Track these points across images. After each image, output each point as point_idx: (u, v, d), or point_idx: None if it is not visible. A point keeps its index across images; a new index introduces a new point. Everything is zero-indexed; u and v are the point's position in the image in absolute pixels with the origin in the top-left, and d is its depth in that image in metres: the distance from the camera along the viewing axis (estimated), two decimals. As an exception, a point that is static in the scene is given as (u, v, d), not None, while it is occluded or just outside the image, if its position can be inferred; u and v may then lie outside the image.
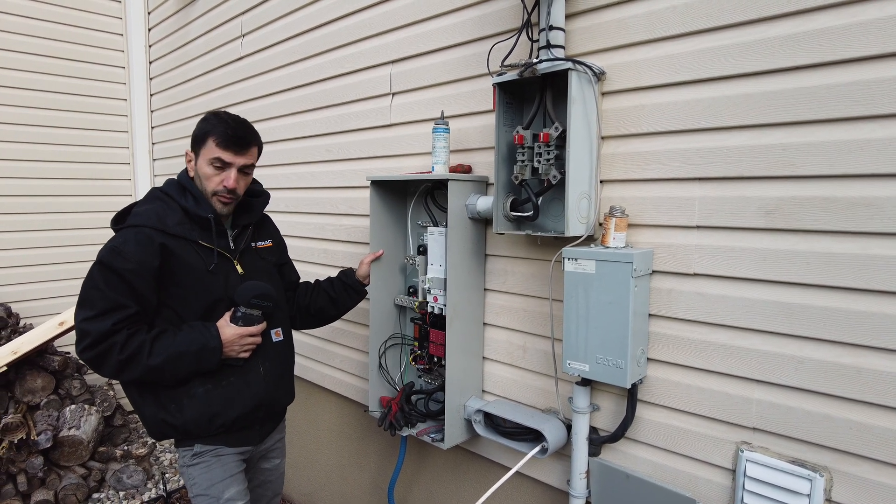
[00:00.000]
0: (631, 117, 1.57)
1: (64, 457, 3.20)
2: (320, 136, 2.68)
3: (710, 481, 1.49)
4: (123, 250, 1.57)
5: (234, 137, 1.66)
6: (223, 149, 1.65)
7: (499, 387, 1.99)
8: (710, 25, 1.41)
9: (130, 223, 1.63)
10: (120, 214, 1.71)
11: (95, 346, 1.53)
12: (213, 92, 3.44)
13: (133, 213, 1.67)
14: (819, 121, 1.27)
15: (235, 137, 1.66)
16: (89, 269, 1.59)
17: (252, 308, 1.70)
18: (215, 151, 1.65)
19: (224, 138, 1.65)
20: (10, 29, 3.75)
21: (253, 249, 1.86)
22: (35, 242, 3.95)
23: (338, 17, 2.49)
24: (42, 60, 3.88)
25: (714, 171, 1.42)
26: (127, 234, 1.60)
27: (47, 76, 3.91)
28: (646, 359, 1.57)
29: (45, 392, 3.33)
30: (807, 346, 1.32)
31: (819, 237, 1.29)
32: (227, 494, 1.71)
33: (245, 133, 1.70)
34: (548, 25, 1.59)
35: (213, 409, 1.69)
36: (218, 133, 1.65)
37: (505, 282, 1.92)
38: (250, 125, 1.75)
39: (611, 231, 1.53)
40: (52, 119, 3.95)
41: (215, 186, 1.68)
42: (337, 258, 2.64)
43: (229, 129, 1.66)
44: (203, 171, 1.68)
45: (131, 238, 1.59)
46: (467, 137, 1.99)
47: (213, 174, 1.67)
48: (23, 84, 3.82)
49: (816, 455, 1.33)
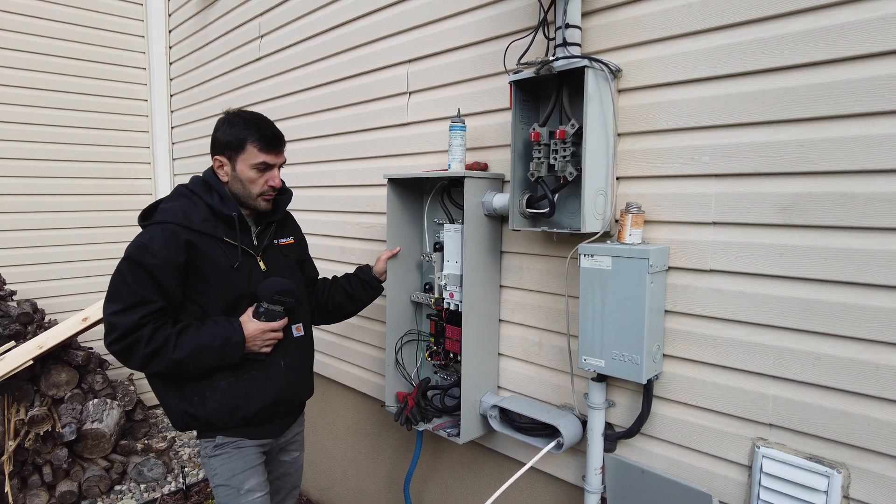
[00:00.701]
0: (647, 114, 1.57)
1: (87, 449, 3.28)
2: (338, 136, 2.71)
3: (726, 477, 1.50)
4: (150, 246, 1.61)
5: (272, 139, 1.73)
6: (266, 152, 1.71)
7: (514, 383, 2.00)
8: (725, 22, 1.41)
9: (157, 220, 1.67)
10: (147, 211, 1.75)
11: (123, 339, 1.58)
12: (232, 92, 3.49)
13: (160, 210, 1.71)
14: (837, 116, 1.27)
15: (274, 138, 1.73)
16: (118, 264, 1.64)
17: (274, 304, 1.74)
18: (259, 156, 1.70)
19: (264, 142, 1.71)
20: (40, 33, 3.87)
21: (275, 246, 1.90)
22: (59, 240, 4.04)
23: (355, 18, 2.52)
24: (67, 63, 3.98)
25: (730, 167, 1.43)
26: (154, 230, 1.65)
27: (72, 78, 4.01)
28: (661, 355, 1.58)
29: (69, 386, 3.41)
30: (824, 342, 1.32)
31: (837, 233, 1.28)
32: (247, 485, 1.75)
33: (278, 132, 1.77)
34: (564, 23, 1.60)
35: (235, 401, 1.72)
36: (256, 138, 1.70)
37: (520, 278, 1.94)
38: (273, 122, 1.80)
39: (627, 227, 1.54)
40: (76, 119, 4.05)
41: (261, 188, 1.74)
42: (354, 255, 2.68)
43: (266, 131, 1.72)
44: (246, 176, 1.72)
45: (158, 234, 1.63)
46: (483, 135, 2.01)
47: (258, 177, 1.73)
48: (48, 86, 3.93)
49: (834, 451, 1.32)
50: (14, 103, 3.81)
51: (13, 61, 3.79)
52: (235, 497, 1.74)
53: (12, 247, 3.86)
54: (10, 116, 3.80)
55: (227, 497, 1.75)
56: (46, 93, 3.92)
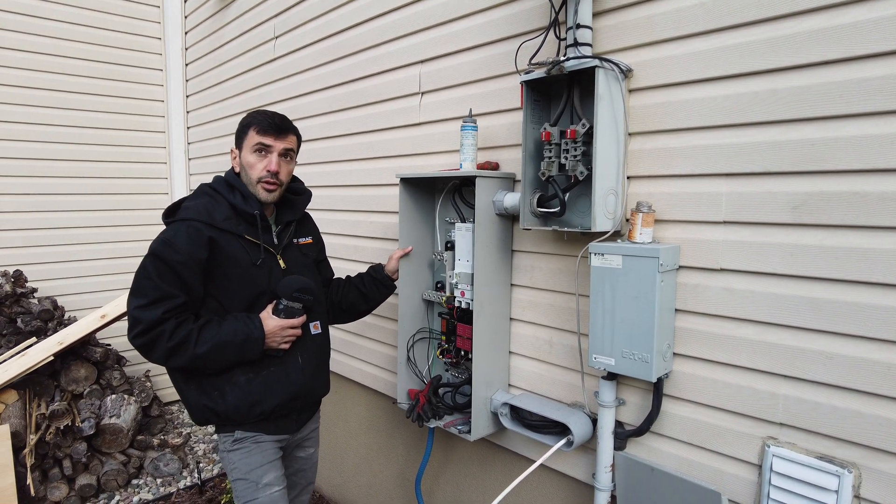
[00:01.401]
0: (658, 114, 1.58)
1: (105, 444, 3.34)
2: (351, 136, 2.74)
3: (736, 476, 1.50)
4: (174, 243, 1.65)
5: (272, 123, 1.77)
6: (263, 134, 1.76)
7: (525, 381, 2.01)
8: (738, 21, 1.41)
9: (181, 217, 1.71)
10: (170, 208, 1.80)
11: (146, 333, 1.61)
12: (248, 92, 3.54)
13: (183, 208, 1.75)
14: (849, 115, 1.26)
15: (274, 124, 1.77)
16: (142, 259, 1.68)
17: (294, 301, 1.77)
18: (256, 138, 1.76)
19: (263, 125, 1.76)
20: (63, 36, 3.96)
21: (295, 245, 1.93)
22: (77, 239, 4.13)
23: (368, 19, 2.55)
24: (86, 65, 4.07)
25: (741, 166, 1.43)
26: (178, 227, 1.68)
27: (90, 79, 4.09)
28: (672, 353, 1.58)
29: (88, 381, 3.48)
30: (836, 341, 1.32)
31: (848, 232, 1.28)
32: (265, 479, 1.78)
33: (282, 120, 1.81)
34: (575, 24, 1.61)
35: (254, 397, 1.76)
36: (258, 122, 1.77)
37: (531, 277, 1.95)
38: (288, 118, 1.85)
39: (637, 226, 1.55)
40: (94, 120, 4.13)
41: (259, 173, 1.76)
42: (366, 254, 2.70)
43: (268, 117, 1.78)
44: (247, 161, 1.77)
45: (182, 231, 1.67)
46: (495, 135, 2.02)
47: (257, 161, 1.77)
48: (66, 87, 4.01)
49: (845, 451, 1.32)
50: (35, 104, 3.90)
51: (34, 63, 3.87)
52: (254, 491, 1.77)
53: (34, 245, 3.95)
54: (31, 118, 3.89)
55: (245, 491, 1.78)
56: (65, 94, 4.01)
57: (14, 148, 3.85)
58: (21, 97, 3.85)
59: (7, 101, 3.80)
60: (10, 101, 3.81)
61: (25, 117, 3.88)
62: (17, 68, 3.83)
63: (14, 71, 3.82)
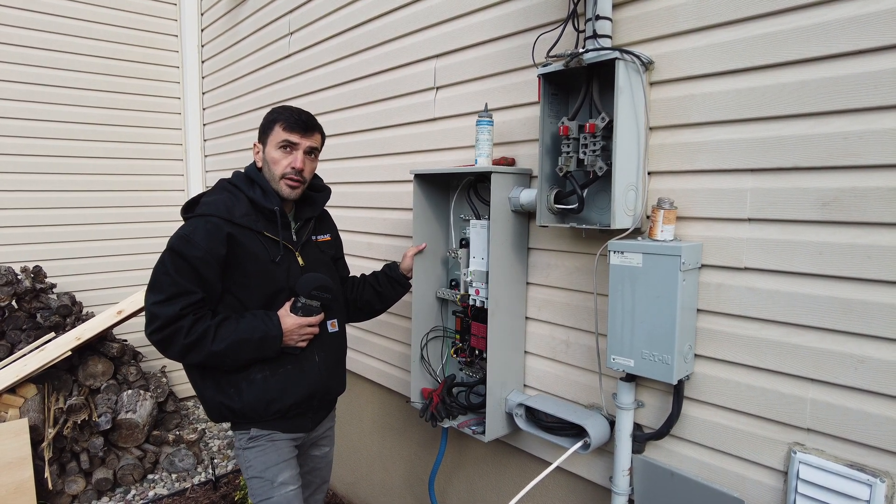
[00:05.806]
0: (680, 107, 1.53)
1: (122, 438, 3.37)
2: (365, 132, 2.72)
3: (759, 482, 1.45)
4: (193, 238, 1.63)
5: (299, 121, 1.76)
6: (289, 131, 1.74)
7: (540, 381, 1.97)
8: (764, 11, 1.35)
9: (200, 212, 1.70)
10: (189, 204, 1.79)
11: (163, 329, 1.60)
12: (262, 89, 3.54)
13: (202, 203, 1.74)
14: (885, 107, 1.20)
15: (300, 121, 1.76)
16: (161, 254, 1.67)
17: (312, 299, 1.74)
18: (282, 135, 1.74)
19: (290, 122, 1.75)
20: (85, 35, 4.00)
21: (313, 242, 1.91)
22: (96, 235, 4.17)
23: (382, 14, 2.52)
24: (103, 62, 4.10)
25: (768, 161, 1.37)
26: (196, 222, 1.67)
27: (106, 77, 4.13)
28: (693, 355, 1.53)
29: (105, 377, 3.51)
30: (867, 344, 1.26)
31: (883, 230, 1.22)
32: (280, 478, 1.77)
33: (309, 118, 1.80)
34: (594, 15, 1.56)
35: (270, 394, 1.74)
36: (284, 118, 1.75)
37: (548, 275, 1.91)
38: (314, 116, 1.84)
39: (658, 224, 1.50)
40: (110, 117, 4.17)
41: (283, 169, 1.75)
42: (380, 251, 2.68)
43: (294, 114, 1.77)
44: (271, 156, 1.76)
45: (200, 227, 1.65)
46: (511, 130, 1.98)
47: (281, 157, 1.75)
48: (85, 85, 4.05)
49: (877, 459, 1.26)
50: (54, 102, 3.94)
51: (50, 61, 3.91)
52: (269, 489, 1.76)
53: (53, 241, 4.00)
54: (49, 115, 3.93)
55: (260, 489, 1.76)
56: (83, 92, 4.05)
57: (31, 146, 3.90)
58: (41, 95, 3.89)
59: (27, 100, 3.85)
60: (31, 98, 3.86)
61: (43, 115, 3.92)
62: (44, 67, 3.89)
63: (41, 70, 3.89)
